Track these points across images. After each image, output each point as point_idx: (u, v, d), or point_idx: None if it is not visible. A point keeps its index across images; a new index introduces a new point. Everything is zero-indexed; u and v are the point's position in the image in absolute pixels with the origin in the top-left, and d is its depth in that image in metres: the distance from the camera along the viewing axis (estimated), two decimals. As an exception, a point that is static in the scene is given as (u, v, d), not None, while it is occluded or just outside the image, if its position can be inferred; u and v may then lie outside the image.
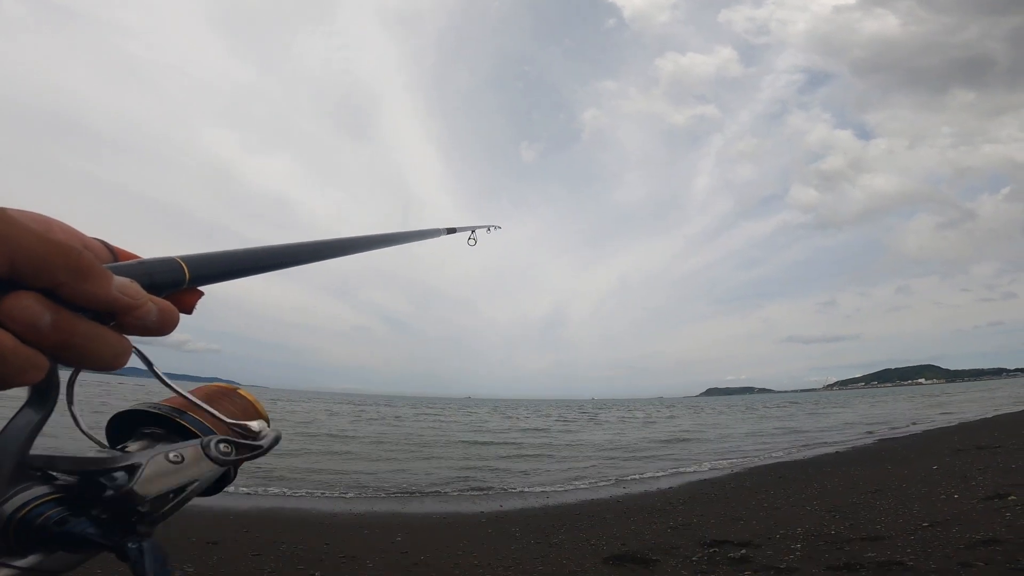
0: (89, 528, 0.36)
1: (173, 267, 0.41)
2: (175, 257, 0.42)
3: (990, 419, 18.55)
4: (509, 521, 7.03)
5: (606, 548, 5.45)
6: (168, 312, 0.37)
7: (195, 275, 0.42)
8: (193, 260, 0.43)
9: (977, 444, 10.72)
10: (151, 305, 0.36)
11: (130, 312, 0.36)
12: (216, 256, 0.46)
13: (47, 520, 0.36)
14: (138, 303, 0.36)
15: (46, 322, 0.36)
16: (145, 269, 0.38)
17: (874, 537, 5.01)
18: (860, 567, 4.20)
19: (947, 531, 4.88)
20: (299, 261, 0.59)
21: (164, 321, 0.37)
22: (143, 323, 0.36)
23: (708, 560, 4.84)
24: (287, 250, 0.57)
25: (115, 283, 0.36)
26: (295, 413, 34.82)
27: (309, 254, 0.60)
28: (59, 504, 0.36)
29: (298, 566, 4.79)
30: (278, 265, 0.55)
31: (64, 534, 0.36)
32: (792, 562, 4.55)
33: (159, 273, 0.39)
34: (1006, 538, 4.37)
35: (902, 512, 5.88)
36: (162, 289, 0.39)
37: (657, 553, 5.14)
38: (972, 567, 3.86)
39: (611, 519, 6.98)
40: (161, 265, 0.40)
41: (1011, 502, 5.54)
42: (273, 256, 0.54)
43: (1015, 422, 15.22)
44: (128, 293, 0.36)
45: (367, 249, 0.73)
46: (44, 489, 0.36)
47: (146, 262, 0.40)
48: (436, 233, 1.14)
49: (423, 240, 1.02)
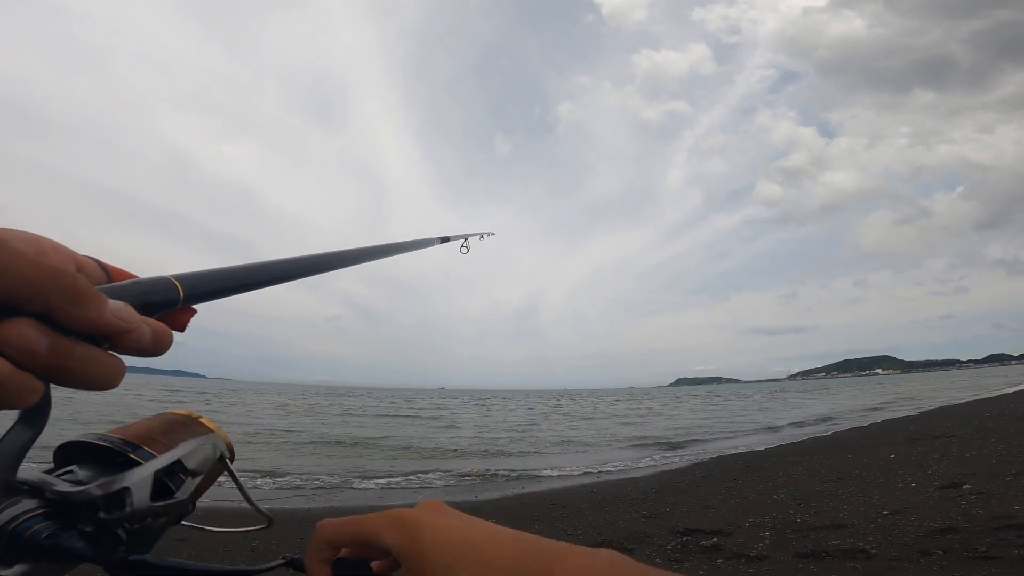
0: (77, 543, 0.37)
1: (167, 287, 0.41)
2: (169, 276, 0.42)
3: (944, 409, 19.48)
4: (485, 512, 6.99)
5: (582, 537, 5.53)
6: (162, 333, 0.38)
7: (189, 294, 0.43)
8: (187, 279, 0.43)
9: (932, 433, 11.23)
10: (145, 328, 0.37)
11: (124, 336, 0.36)
12: (209, 274, 0.46)
13: (36, 534, 0.37)
14: (132, 327, 0.36)
15: (42, 348, 0.36)
16: (140, 289, 0.38)
17: (838, 525, 5.20)
18: (826, 555, 4.35)
19: (906, 519, 5.10)
20: (292, 276, 0.59)
21: (158, 343, 0.37)
22: (137, 346, 0.37)
23: (681, 548, 4.95)
24: (280, 265, 0.57)
25: (109, 307, 0.36)
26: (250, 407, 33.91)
27: (303, 269, 0.61)
28: (47, 518, 0.37)
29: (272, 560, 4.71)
30: (271, 281, 0.55)
31: (53, 547, 0.37)
32: (762, 550, 4.69)
33: (153, 293, 0.39)
34: (962, 527, 4.59)
35: (863, 500, 6.12)
36: (156, 309, 0.39)
37: (632, 542, 5.23)
38: (931, 555, 4.04)
39: (586, 508, 7.07)
40: (155, 285, 0.40)
41: (966, 491, 5.82)
42: (266, 272, 0.54)
43: (967, 412, 16.00)
44: (122, 317, 0.36)
45: (361, 262, 0.73)
46: (33, 503, 0.37)
47: (140, 282, 0.40)
48: (430, 243, 1.14)
49: (417, 250, 1.02)
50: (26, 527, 0.37)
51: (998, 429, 10.48)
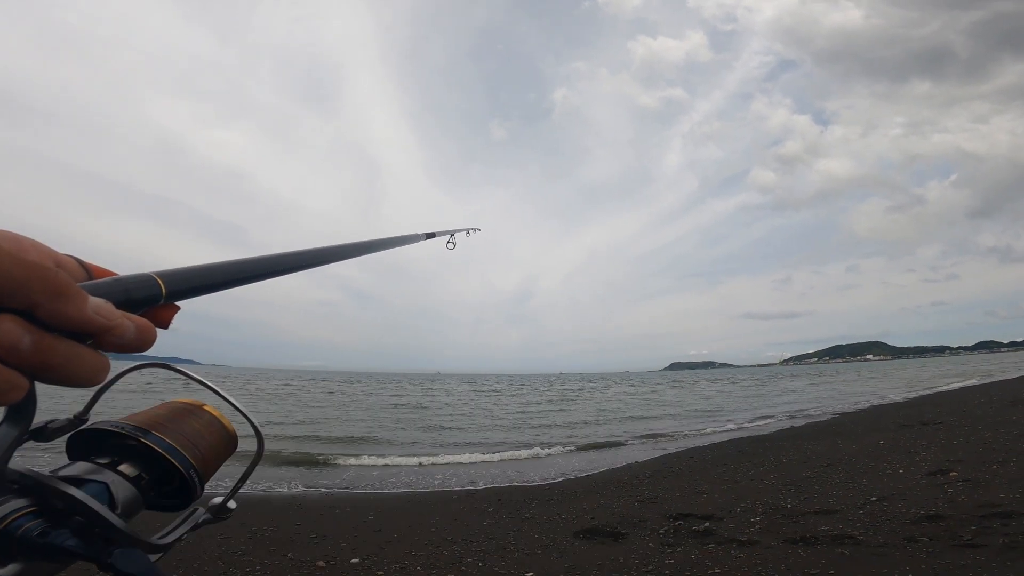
0: (69, 540, 0.37)
1: (149, 284, 0.41)
2: (151, 273, 0.42)
3: (933, 395, 19.75)
4: (481, 497, 7.15)
5: (576, 522, 5.61)
6: (145, 329, 0.38)
7: (171, 291, 0.43)
8: (169, 276, 0.43)
9: (921, 420, 11.41)
10: (128, 324, 0.37)
11: (107, 332, 0.36)
12: (192, 271, 0.47)
13: (27, 532, 0.37)
14: (114, 323, 0.36)
15: (26, 345, 0.36)
16: (121, 286, 0.39)
17: (827, 511, 5.30)
18: (815, 540, 4.44)
19: (893, 506, 5.20)
20: (276, 273, 0.59)
21: (142, 339, 0.38)
22: (120, 342, 0.37)
23: (674, 533, 5.04)
24: (264, 262, 0.57)
25: (90, 304, 0.36)
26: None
27: (287, 265, 0.61)
28: (38, 516, 0.37)
29: (270, 547, 4.76)
30: (255, 277, 0.55)
31: (45, 545, 0.37)
32: (753, 535, 4.78)
33: (135, 290, 0.40)
34: (948, 514, 4.68)
35: (851, 486, 6.24)
36: (139, 306, 0.40)
37: (626, 526, 5.32)
38: (918, 542, 4.13)
39: (580, 493, 7.17)
40: (137, 282, 0.41)
41: (952, 478, 5.94)
42: (250, 268, 0.54)
43: (956, 399, 16.24)
44: (103, 313, 0.36)
45: (345, 258, 0.74)
46: (23, 502, 0.37)
47: (122, 279, 0.40)
48: (415, 239, 1.15)
49: (402, 246, 1.03)
50: (17, 525, 0.37)
51: (986, 416, 10.65)
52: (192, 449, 0.48)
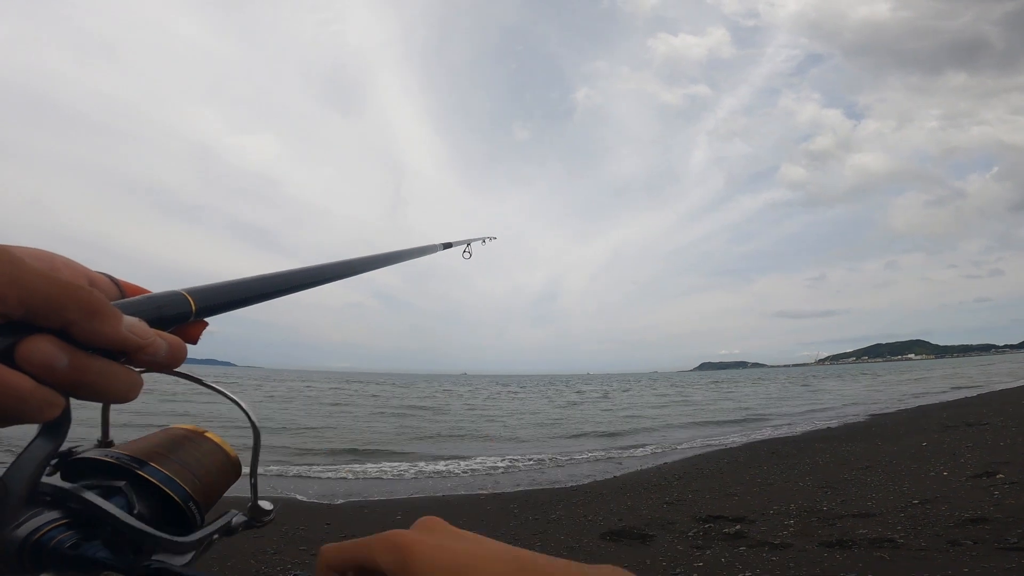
0: (101, 552, 0.38)
1: (180, 301, 0.43)
2: (181, 291, 0.44)
3: (979, 396, 18.89)
4: (508, 499, 7.15)
5: (603, 524, 5.56)
6: (176, 347, 0.39)
7: (200, 307, 0.44)
8: (198, 292, 0.45)
9: (966, 421, 10.92)
10: (160, 342, 0.38)
11: (140, 350, 0.37)
12: (220, 287, 0.48)
13: (60, 544, 0.37)
14: (147, 342, 0.37)
15: (63, 364, 0.37)
16: (154, 304, 0.40)
17: (865, 514, 5.13)
18: (852, 544, 4.30)
19: (936, 509, 5.00)
20: (302, 286, 0.61)
21: (173, 356, 0.39)
22: (153, 359, 0.38)
23: (703, 536, 4.94)
24: (289, 276, 0.59)
25: (124, 322, 0.37)
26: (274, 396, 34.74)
27: (311, 279, 0.63)
28: (70, 528, 0.38)
29: (300, 546, 4.88)
30: (280, 292, 0.57)
31: (77, 557, 0.37)
32: (786, 538, 4.65)
33: (167, 308, 0.41)
34: (994, 517, 4.47)
35: (892, 489, 6.01)
36: (170, 323, 0.41)
37: (654, 528, 5.25)
38: (961, 545, 3.95)
39: (608, 495, 7.10)
40: (168, 300, 0.42)
41: (999, 480, 5.67)
42: (275, 283, 0.56)
43: (1003, 399, 15.50)
44: (137, 332, 0.37)
45: (368, 269, 0.76)
46: (55, 514, 0.38)
47: (154, 297, 0.42)
48: (432, 249, 1.18)
49: (421, 257, 1.06)
50: (50, 537, 0.37)
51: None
52: (191, 480, 0.46)
